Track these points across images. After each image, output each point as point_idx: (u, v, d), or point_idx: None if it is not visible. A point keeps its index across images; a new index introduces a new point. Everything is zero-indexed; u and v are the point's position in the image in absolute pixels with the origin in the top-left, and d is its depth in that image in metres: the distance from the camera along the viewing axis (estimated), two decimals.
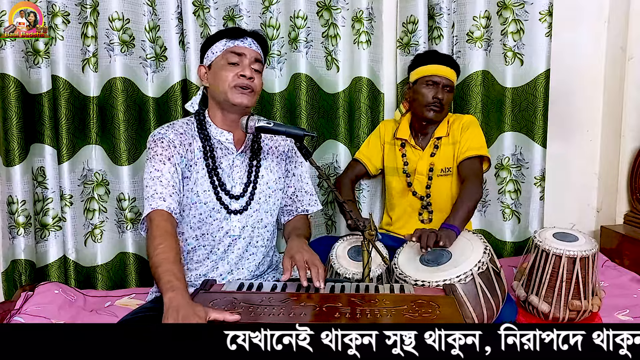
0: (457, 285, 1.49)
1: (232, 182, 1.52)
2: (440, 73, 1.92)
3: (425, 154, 1.98)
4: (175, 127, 1.51)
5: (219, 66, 1.48)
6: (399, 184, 2.05)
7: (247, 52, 1.48)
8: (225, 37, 1.50)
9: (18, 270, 1.96)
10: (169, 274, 1.22)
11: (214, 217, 1.50)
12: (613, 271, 2.17)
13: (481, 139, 1.94)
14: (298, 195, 1.66)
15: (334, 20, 2.19)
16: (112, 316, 1.78)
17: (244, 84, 1.46)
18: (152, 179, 1.42)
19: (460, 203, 1.75)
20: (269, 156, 1.59)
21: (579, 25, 2.48)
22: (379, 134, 2.11)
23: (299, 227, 1.62)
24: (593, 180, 2.62)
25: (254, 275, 1.59)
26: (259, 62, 1.52)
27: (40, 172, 2.00)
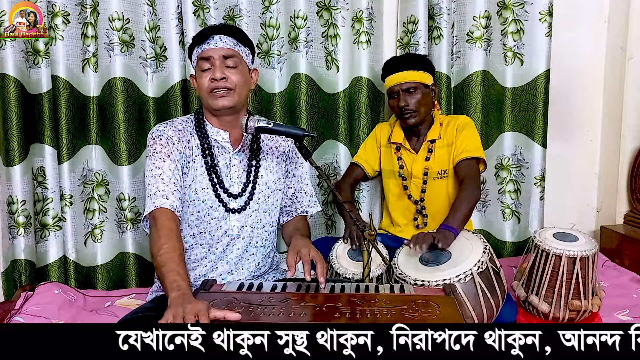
0: (456, 285, 1.49)
1: (230, 181, 1.52)
2: (396, 81, 1.90)
3: (419, 157, 1.98)
4: (174, 124, 1.51)
5: (197, 75, 1.50)
6: (395, 187, 2.05)
7: (213, 54, 1.45)
8: (195, 44, 1.49)
9: (18, 270, 1.96)
10: (174, 274, 1.23)
11: (212, 215, 1.50)
12: (613, 271, 2.17)
13: (477, 141, 1.93)
14: (298, 196, 1.66)
15: (334, 20, 2.19)
16: (112, 316, 1.78)
17: (217, 86, 1.45)
18: (153, 176, 1.42)
19: (458, 204, 1.75)
20: (268, 156, 1.59)
21: (579, 25, 2.48)
22: (375, 137, 2.11)
23: (300, 228, 1.62)
24: (593, 180, 2.62)
25: (254, 276, 1.59)
26: (232, 56, 1.47)
27: (40, 172, 2.00)
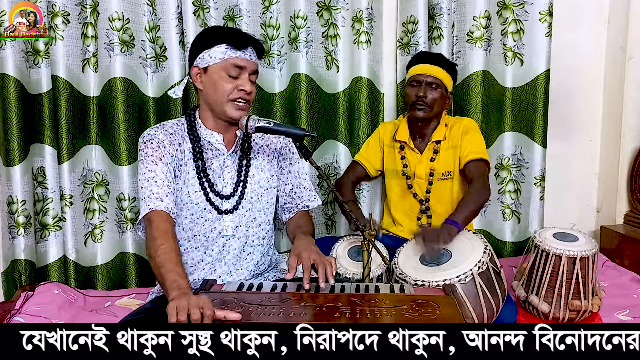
0: (457, 285, 1.49)
1: (223, 183, 1.52)
2: (422, 72, 1.92)
3: (424, 157, 1.98)
4: (165, 127, 1.50)
5: (217, 75, 1.43)
6: (398, 186, 2.05)
7: (248, 65, 1.44)
8: (226, 44, 1.42)
9: (18, 270, 1.96)
10: (173, 274, 1.23)
11: (205, 217, 1.50)
12: (613, 271, 2.17)
13: (482, 144, 1.94)
14: (297, 191, 1.66)
15: (334, 20, 2.19)
16: (112, 316, 1.79)
17: (242, 98, 1.44)
18: (146, 180, 1.42)
19: (466, 202, 1.75)
20: (259, 155, 1.59)
21: (579, 25, 2.48)
22: (378, 136, 2.11)
23: (302, 225, 1.61)
24: (593, 180, 2.62)
25: (254, 275, 1.59)
26: (257, 73, 1.49)
27: (40, 172, 2.00)
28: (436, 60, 1.95)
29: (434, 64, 1.93)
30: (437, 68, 1.92)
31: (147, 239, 1.37)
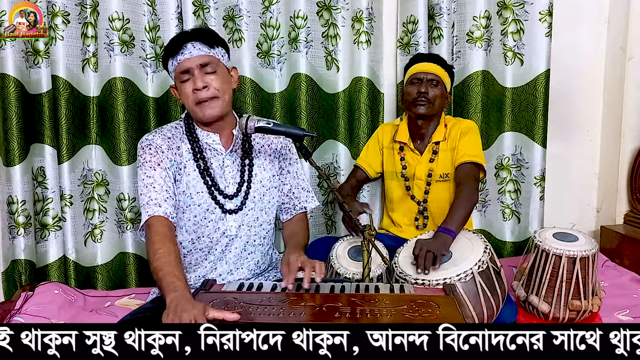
0: (457, 285, 1.49)
1: (224, 182, 1.52)
2: (421, 69, 1.94)
3: (423, 159, 1.98)
4: (162, 131, 1.51)
5: (179, 87, 1.47)
6: (398, 188, 2.05)
7: (190, 64, 1.43)
8: (170, 56, 1.46)
9: (18, 270, 1.96)
10: (171, 276, 1.23)
11: (209, 218, 1.50)
12: (613, 271, 2.17)
13: (478, 147, 1.92)
14: (295, 192, 1.66)
15: (334, 20, 2.19)
16: (112, 316, 1.78)
17: (201, 97, 1.44)
18: (145, 186, 1.42)
19: (456, 207, 1.74)
20: (261, 155, 1.59)
21: (579, 25, 2.48)
22: (377, 138, 2.10)
23: (297, 232, 1.61)
24: (593, 180, 2.62)
25: (255, 274, 1.59)
26: (209, 63, 1.44)
27: (40, 172, 2.00)
28: (435, 59, 1.98)
29: (435, 62, 1.95)
30: (437, 66, 1.94)
31: (146, 244, 1.38)
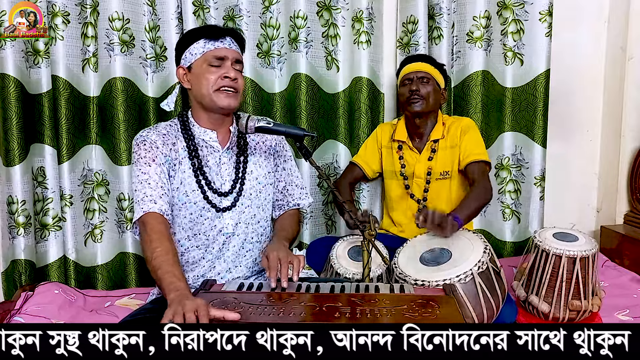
0: (457, 285, 1.49)
1: (220, 180, 1.51)
2: (411, 69, 1.97)
3: (422, 157, 1.98)
4: (157, 128, 1.50)
5: (200, 69, 1.44)
6: (397, 187, 2.05)
7: (228, 54, 1.45)
8: (204, 38, 1.45)
9: (18, 270, 1.96)
10: (170, 275, 1.23)
11: (204, 216, 1.50)
12: (613, 271, 2.17)
13: (482, 144, 1.95)
14: (289, 189, 1.66)
15: (334, 20, 2.19)
16: (112, 316, 1.78)
17: (229, 85, 1.44)
18: (140, 182, 1.42)
19: (469, 200, 1.76)
20: (256, 152, 1.59)
21: (579, 25, 2.48)
22: (376, 137, 2.11)
23: (285, 228, 1.61)
24: (593, 180, 2.62)
25: (253, 272, 1.59)
26: (240, 62, 1.49)
27: (40, 172, 2.00)
28: (423, 58, 2.01)
29: (423, 61, 1.99)
30: (426, 64, 1.97)
31: (142, 242, 1.37)
